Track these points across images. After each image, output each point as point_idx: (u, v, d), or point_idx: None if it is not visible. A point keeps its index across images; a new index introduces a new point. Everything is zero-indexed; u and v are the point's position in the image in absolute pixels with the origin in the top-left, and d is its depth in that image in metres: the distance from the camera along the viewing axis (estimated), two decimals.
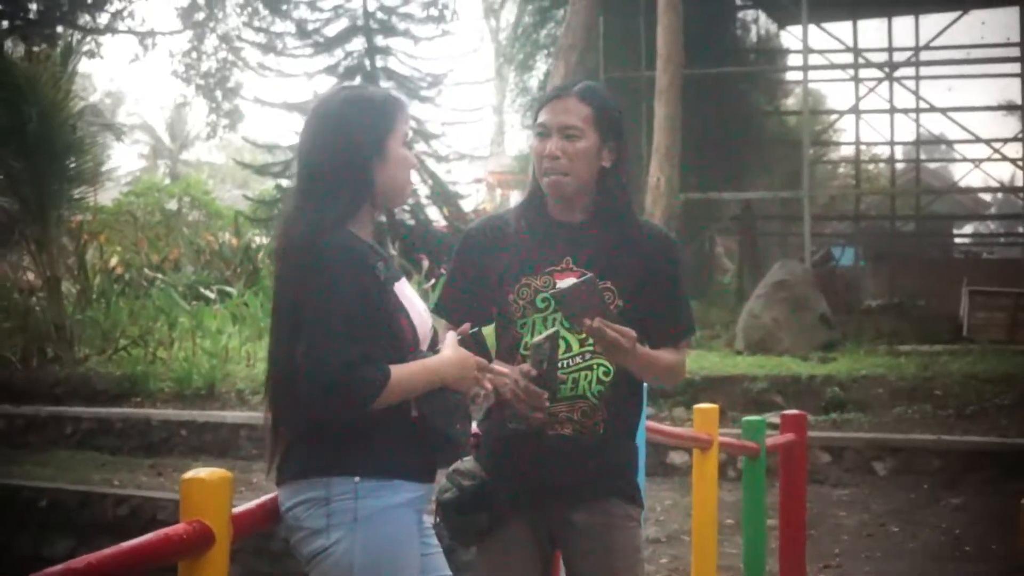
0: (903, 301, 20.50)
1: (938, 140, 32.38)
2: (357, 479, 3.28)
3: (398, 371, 3.29)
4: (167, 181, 41.32)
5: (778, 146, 25.63)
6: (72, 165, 15.58)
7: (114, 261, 21.23)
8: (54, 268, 15.74)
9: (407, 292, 3.52)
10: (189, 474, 2.75)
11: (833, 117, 32.81)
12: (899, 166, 33.12)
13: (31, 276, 17.13)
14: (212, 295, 18.20)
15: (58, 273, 15.95)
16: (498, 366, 3.75)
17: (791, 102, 30.11)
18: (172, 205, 29.82)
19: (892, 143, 29.91)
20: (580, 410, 3.82)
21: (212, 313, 17.10)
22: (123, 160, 61.35)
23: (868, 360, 14.69)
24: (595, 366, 3.83)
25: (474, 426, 3.93)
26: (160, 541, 2.57)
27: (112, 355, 15.81)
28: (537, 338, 3.67)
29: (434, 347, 3.53)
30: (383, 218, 23.17)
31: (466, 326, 3.58)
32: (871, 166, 35.31)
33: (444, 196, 24.32)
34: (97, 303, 17.36)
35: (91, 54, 37.09)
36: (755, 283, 18.07)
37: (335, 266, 3.29)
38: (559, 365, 3.75)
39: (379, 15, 24.51)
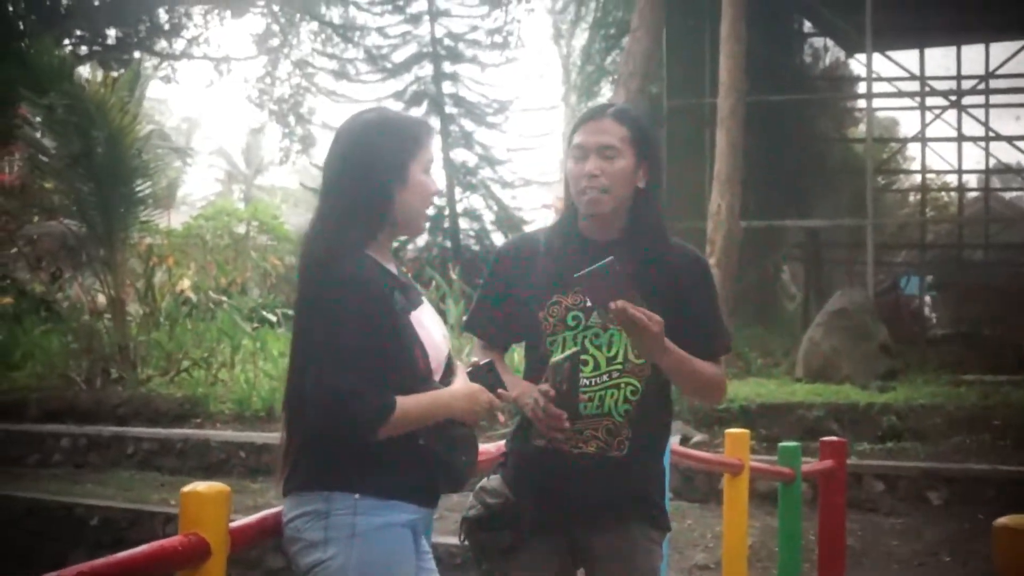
0: (968, 330, 20.30)
1: (1007, 168, 32.03)
2: (357, 496, 3.35)
3: (404, 402, 3.35)
4: (240, 206, 41.64)
5: (843, 173, 25.48)
6: (138, 189, 15.75)
7: (183, 284, 21.40)
8: (119, 290, 15.91)
9: (425, 321, 3.55)
10: (188, 487, 2.82)
11: (899, 145, 32.61)
12: (968, 195, 32.85)
13: (101, 299, 17.31)
14: (275, 318, 18.32)
15: (123, 295, 16.12)
16: (520, 384, 3.82)
17: (860, 129, 29.93)
18: (241, 229, 30.06)
19: (960, 171, 29.67)
20: (605, 428, 3.86)
21: (275, 336, 17.21)
22: (199, 185, 61.96)
23: (928, 389, 14.54)
24: (623, 385, 3.87)
25: (501, 444, 4.00)
26: (156, 552, 2.64)
27: (174, 377, 15.94)
28: (557, 357, 3.71)
29: (446, 378, 3.56)
30: (448, 243, 23.36)
31: (475, 360, 3.64)
32: (940, 195, 35.04)
33: (509, 222, 24.33)
34: (163, 325, 17.53)
35: (167, 79, 37.62)
36: (819, 311, 17.97)
37: (347, 294, 3.33)
38: (581, 384, 3.80)
39: (447, 41, 24.61)
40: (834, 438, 7.74)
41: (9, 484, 12.69)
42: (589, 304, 3.80)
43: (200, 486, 2.82)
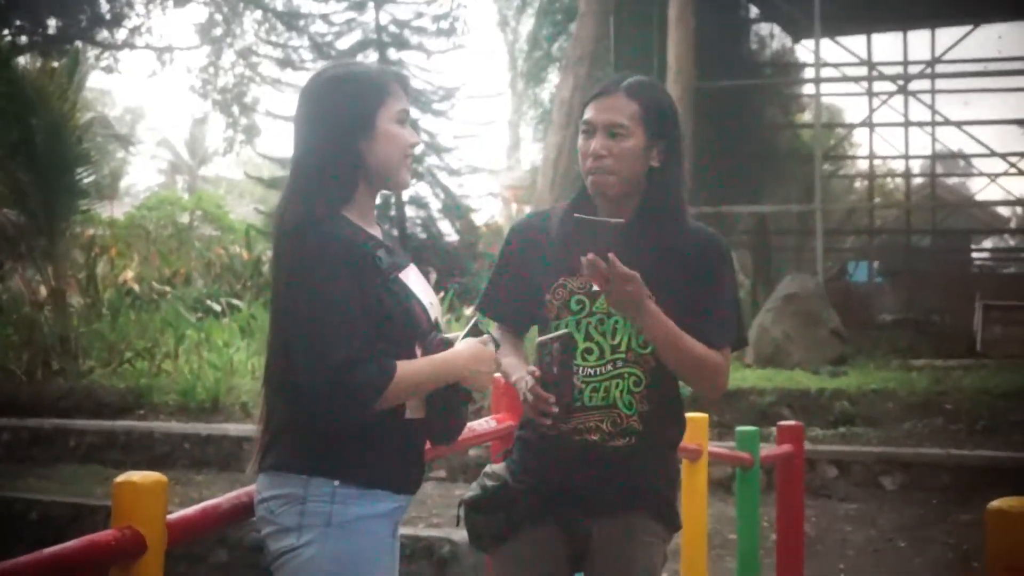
0: (917, 316, 20.34)
1: (954, 154, 32.18)
2: (337, 483, 3.15)
3: (404, 367, 3.15)
4: (185, 196, 41.39)
5: (792, 160, 25.48)
6: (80, 178, 15.51)
7: (127, 275, 21.16)
8: (61, 281, 15.67)
9: (413, 279, 3.35)
10: (121, 477, 2.63)
11: (847, 130, 32.70)
12: (915, 180, 32.99)
13: (43, 290, 17.06)
14: (220, 308, 18.12)
15: (64, 286, 15.89)
16: (521, 368, 3.67)
17: (807, 116, 29.98)
18: (185, 219, 29.84)
19: (907, 157, 29.77)
20: (611, 420, 3.67)
21: (220, 326, 17.02)
22: (143, 176, 61.65)
23: (879, 375, 14.52)
24: (626, 375, 3.68)
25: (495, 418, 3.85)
26: (87, 547, 2.46)
27: (117, 368, 15.73)
28: (544, 337, 3.50)
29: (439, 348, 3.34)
30: (395, 231, 23.18)
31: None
32: (887, 180, 35.18)
33: (456, 210, 24.20)
34: (106, 316, 17.30)
35: (109, 69, 37.31)
36: (768, 297, 17.93)
37: (329, 258, 3.13)
38: (586, 373, 3.64)
39: (392, 28, 24.43)
40: (791, 422, 7.63)
41: None
42: (595, 288, 3.61)
43: (135, 475, 2.61)
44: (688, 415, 5.96)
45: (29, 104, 14.63)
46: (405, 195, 23.56)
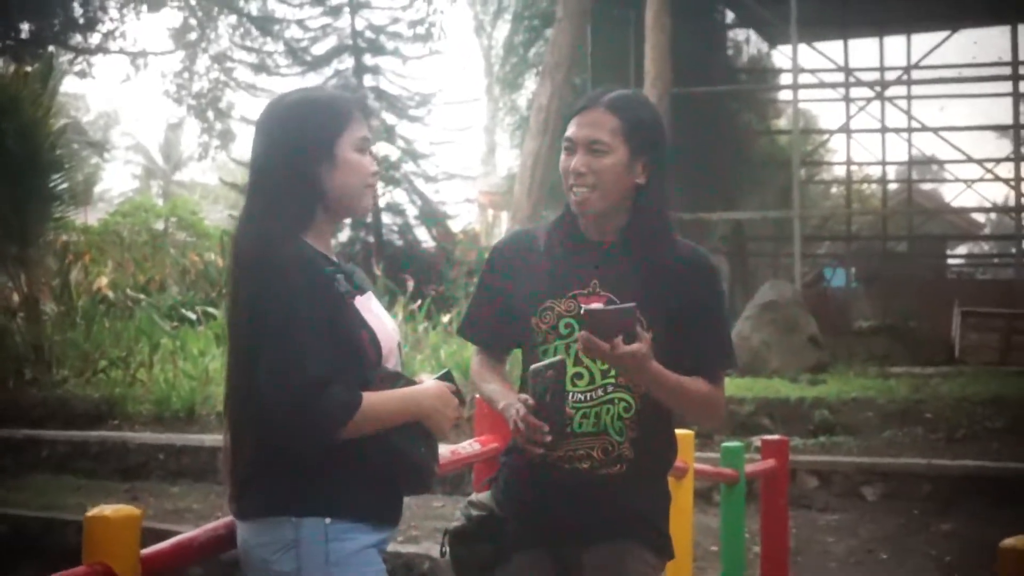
0: (895, 322, 20.29)
1: (930, 160, 32.21)
2: (328, 521, 3.06)
3: (371, 398, 3.06)
4: (159, 202, 41.21)
5: (769, 166, 25.47)
6: (53, 184, 15.35)
7: (101, 282, 20.98)
8: (33, 288, 15.52)
9: (372, 307, 3.28)
10: (93, 511, 2.54)
11: (824, 137, 32.74)
12: (891, 186, 33.03)
13: (15, 297, 16.90)
14: (195, 316, 17.98)
15: (37, 293, 15.74)
16: (509, 395, 3.56)
17: (783, 122, 29.99)
18: (160, 225, 29.67)
19: (884, 163, 29.82)
20: (602, 447, 3.57)
21: (195, 335, 16.88)
22: (117, 181, 61.34)
23: (858, 382, 14.47)
24: (616, 400, 3.57)
25: (465, 445, 3.75)
26: None
27: (91, 377, 15.58)
28: (538, 364, 3.38)
29: (398, 380, 3.26)
30: (371, 238, 23.10)
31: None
32: (864, 186, 35.23)
33: (432, 216, 24.13)
34: (79, 324, 17.14)
35: (83, 74, 37.17)
36: (746, 304, 17.88)
37: (292, 279, 3.05)
38: (575, 400, 3.53)
39: (367, 34, 24.37)
40: (775, 436, 7.57)
41: None
42: (591, 307, 3.49)
43: (107, 510, 2.53)
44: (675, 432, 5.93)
45: (1, 109, 14.45)
46: (382, 201, 23.49)
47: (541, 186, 17.62)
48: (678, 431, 5.81)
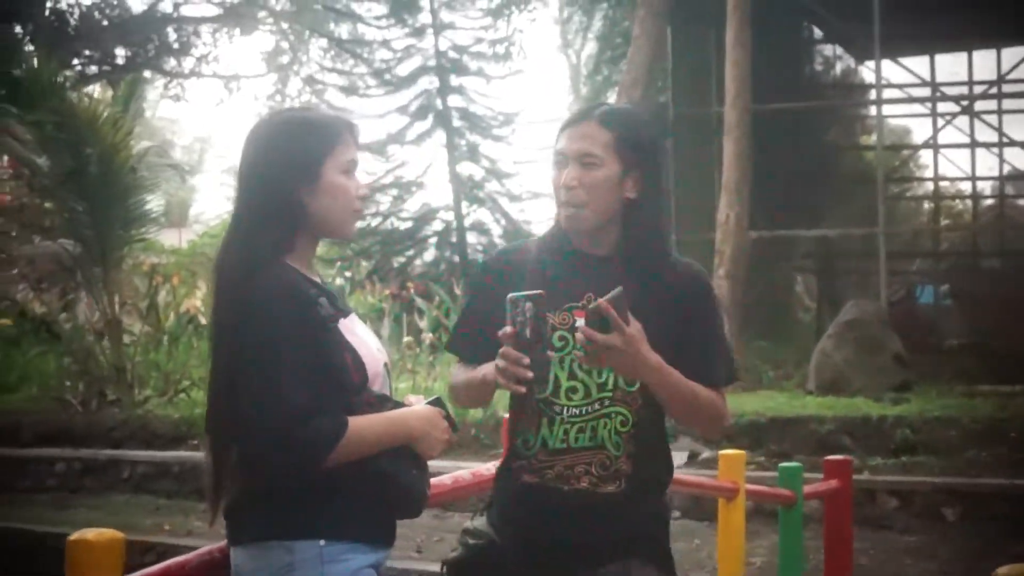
0: (984, 340, 19.94)
1: (1022, 175, 31.67)
2: (322, 543, 3.02)
3: (357, 423, 3.02)
4: None
5: (854, 182, 25.16)
6: (133, 206, 15.49)
7: (192, 302, 21.16)
8: (116, 310, 15.67)
9: (357, 329, 3.23)
10: (75, 535, 2.50)
11: (911, 152, 32.32)
12: (983, 202, 32.53)
13: (100, 318, 17.07)
14: None
15: (120, 315, 15.89)
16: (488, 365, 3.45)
17: (874, 139, 29.69)
18: None
19: (974, 178, 29.38)
20: (599, 463, 3.49)
21: None
22: (212, 204, 62.01)
23: (942, 401, 14.20)
24: (613, 414, 3.49)
25: (458, 474, 3.69)
26: None
27: (172, 398, 15.70)
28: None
29: (386, 404, 3.21)
30: (456, 258, 23.13)
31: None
32: (954, 202, 34.73)
33: (517, 235, 24.07)
34: (164, 346, 17.29)
35: (176, 98, 37.70)
36: (832, 322, 17.67)
37: (275, 305, 3.02)
38: (572, 414, 3.47)
39: (451, 54, 24.43)
40: (839, 456, 7.41)
41: None
42: (578, 325, 3.42)
43: (89, 533, 2.49)
44: (723, 452, 5.85)
45: (80, 133, 14.62)
46: (467, 221, 23.55)
47: None
48: (727, 451, 5.81)
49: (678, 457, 12.07)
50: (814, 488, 6.67)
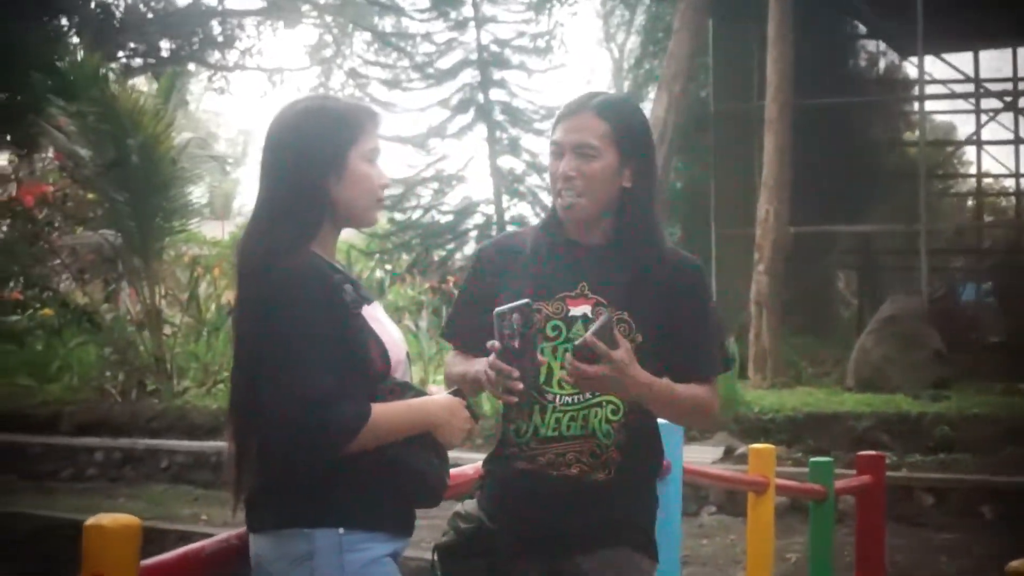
0: None
1: None
2: (341, 531, 3.02)
3: (379, 410, 3.02)
4: None
5: (897, 178, 25.00)
6: (174, 198, 15.54)
7: (231, 294, 21.20)
8: (156, 301, 15.74)
9: (379, 316, 3.24)
10: (91, 520, 2.50)
11: (954, 148, 32.09)
12: None
13: (140, 309, 17.16)
14: None
15: (160, 306, 15.96)
16: (481, 362, 3.48)
17: (917, 134, 29.50)
18: None
19: (1018, 175, 29.13)
20: (589, 451, 3.52)
21: None
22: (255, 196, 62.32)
23: (982, 399, 14.14)
24: (604, 403, 3.53)
25: (477, 464, 3.70)
26: None
27: (211, 388, 15.76)
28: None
29: (407, 392, 3.24)
30: None
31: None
32: (1000, 199, 34.45)
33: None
34: (204, 337, 17.36)
35: (221, 91, 37.89)
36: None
37: (300, 290, 3.02)
38: (563, 402, 3.50)
39: (493, 48, 24.33)
40: (871, 452, 7.39)
41: (38, 500, 12.54)
42: (572, 314, 3.52)
43: (104, 519, 2.48)
44: (753, 446, 5.85)
45: (122, 123, 14.66)
46: (507, 215, 23.51)
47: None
48: (758, 446, 5.79)
49: (713, 452, 12.06)
50: (846, 484, 6.64)
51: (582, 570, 3.55)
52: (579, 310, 3.54)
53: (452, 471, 3.42)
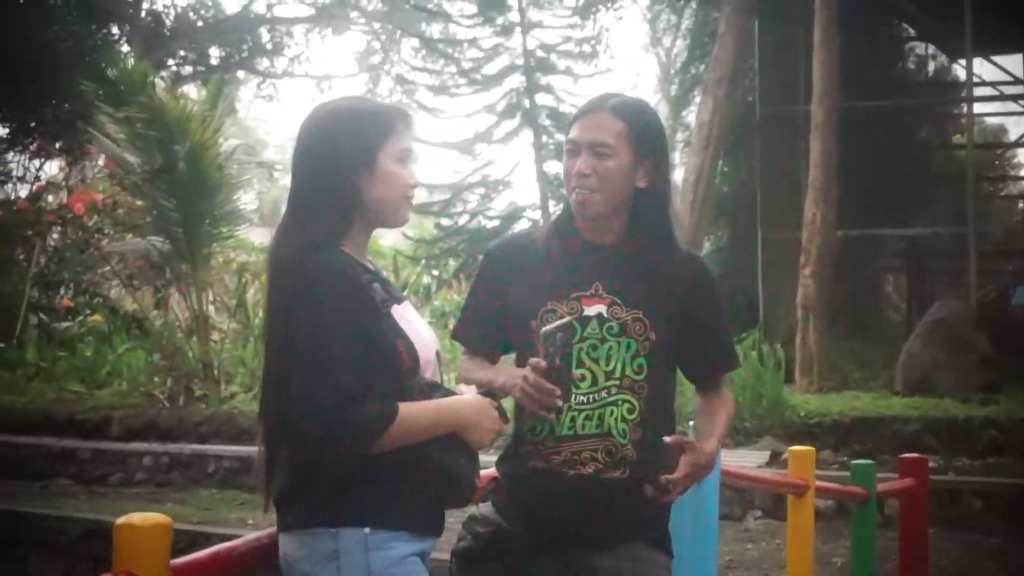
0: None
1: None
2: (367, 530, 3.05)
3: (407, 409, 3.04)
4: None
5: (945, 181, 24.84)
6: (221, 204, 15.58)
7: None
8: (204, 307, 15.81)
9: (409, 315, 3.26)
10: (122, 519, 2.53)
11: (1004, 151, 31.87)
12: None
13: (188, 315, 17.25)
14: None
15: (207, 312, 16.03)
16: (504, 371, 3.56)
17: (965, 137, 29.32)
18: None
19: None
20: (605, 449, 3.54)
21: None
22: None
23: None
24: (620, 402, 3.55)
25: (492, 469, 3.71)
26: None
27: (258, 394, 15.78)
28: (548, 327, 3.35)
29: (436, 391, 3.25)
30: None
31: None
32: None
33: None
34: (252, 343, 17.43)
35: (269, 98, 38.08)
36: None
37: (328, 289, 3.05)
38: (579, 401, 3.52)
39: (539, 53, 24.36)
40: (914, 454, 7.34)
41: (88, 504, 12.63)
42: (587, 313, 3.55)
43: (135, 517, 2.51)
44: (793, 449, 5.83)
45: (169, 130, 14.73)
46: (552, 218, 23.51)
47: (704, 201, 17.49)
48: (797, 448, 5.77)
49: (759, 456, 12.02)
50: (888, 486, 6.61)
51: (598, 567, 3.56)
52: (593, 309, 3.56)
53: (481, 471, 3.43)
